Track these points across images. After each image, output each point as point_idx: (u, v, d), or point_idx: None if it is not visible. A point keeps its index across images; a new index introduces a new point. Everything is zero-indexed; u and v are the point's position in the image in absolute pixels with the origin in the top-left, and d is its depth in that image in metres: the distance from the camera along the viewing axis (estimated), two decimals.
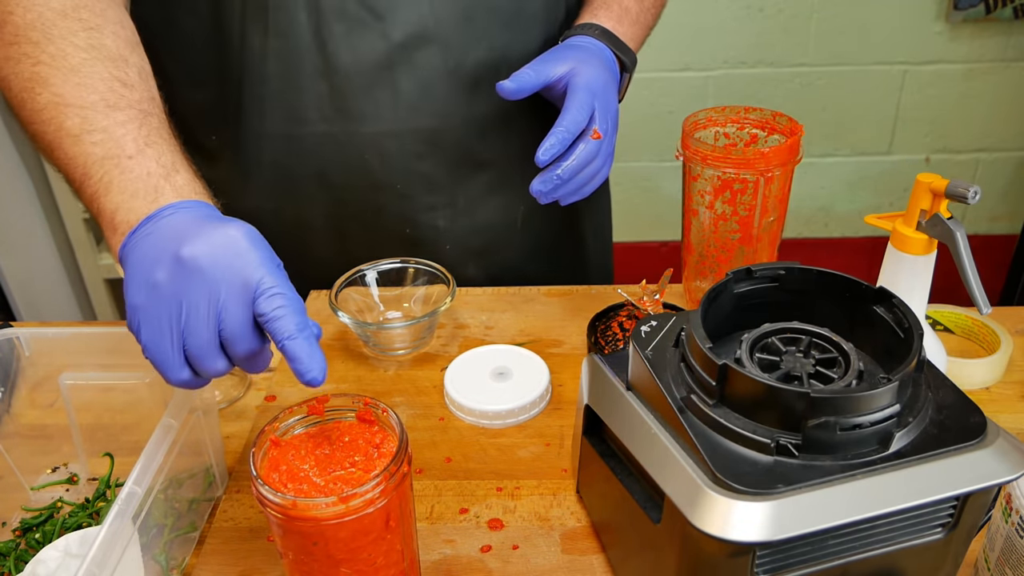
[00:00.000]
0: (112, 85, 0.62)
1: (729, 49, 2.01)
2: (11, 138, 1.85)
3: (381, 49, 0.83)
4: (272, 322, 0.52)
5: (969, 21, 1.94)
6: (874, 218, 0.70)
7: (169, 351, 0.52)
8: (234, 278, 0.52)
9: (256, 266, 0.52)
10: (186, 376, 0.54)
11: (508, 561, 0.64)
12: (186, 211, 0.56)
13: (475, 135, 0.90)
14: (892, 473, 0.46)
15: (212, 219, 0.56)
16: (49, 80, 0.62)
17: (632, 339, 0.55)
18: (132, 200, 0.57)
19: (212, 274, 0.52)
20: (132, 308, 0.53)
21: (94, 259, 2.03)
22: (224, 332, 0.52)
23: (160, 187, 0.58)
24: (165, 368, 0.53)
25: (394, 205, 0.92)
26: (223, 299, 0.52)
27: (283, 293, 0.52)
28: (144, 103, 0.63)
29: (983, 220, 2.21)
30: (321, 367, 0.52)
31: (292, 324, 0.52)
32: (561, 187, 0.76)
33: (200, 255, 0.52)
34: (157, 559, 0.60)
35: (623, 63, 0.85)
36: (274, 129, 0.87)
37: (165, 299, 0.52)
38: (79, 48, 0.63)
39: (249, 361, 0.54)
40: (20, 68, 0.63)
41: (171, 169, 0.59)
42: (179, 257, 0.52)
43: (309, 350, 0.52)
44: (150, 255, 0.54)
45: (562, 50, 0.81)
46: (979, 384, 0.79)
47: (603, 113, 0.77)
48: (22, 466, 0.72)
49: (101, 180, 0.58)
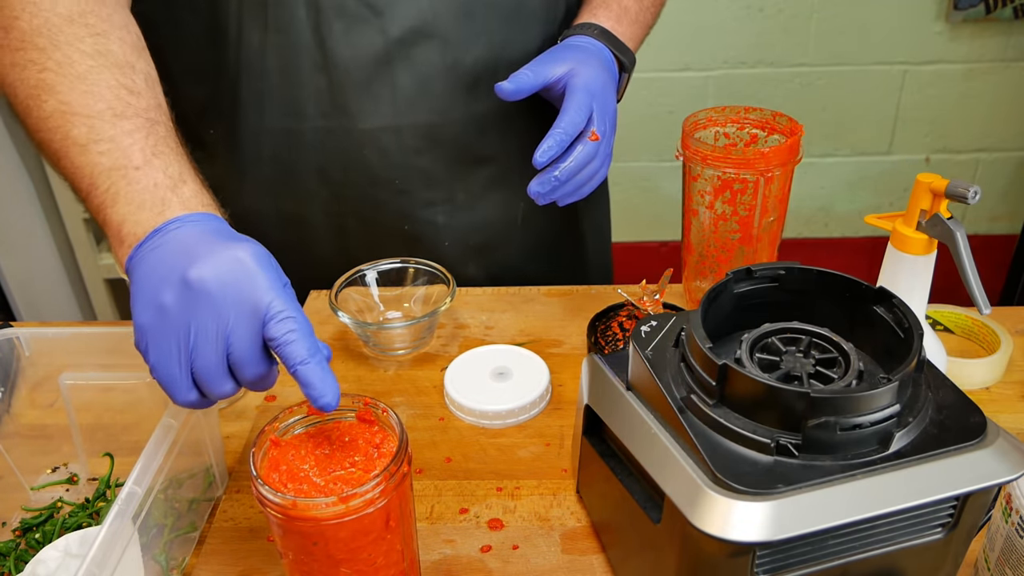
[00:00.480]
0: (119, 93, 0.61)
1: (729, 49, 2.01)
2: (11, 138, 1.85)
3: (379, 44, 0.83)
4: (283, 347, 0.51)
5: (969, 21, 1.94)
6: (874, 218, 0.70)
7: (177, 373, 0.52)
8: (243, 302, 0.52)
9: (265, 289, 0.52)
10: (193, 398, 0.53)
11: (508, 561, 0.64)
12: (193, 225, 0.56)
13: (474, 131, 0.90)
14: (892, 473, 0.46)
15: (220, 236, 0.55)
16: (55, 87, 0.60)
17: (632, 339, 0.55)
18: (139, 212, 0.56)
19: (220, 298, 0.51)
20: (139, 328, 0.53)
21: (94, 259, 2.03)
22: (232, 356, 0.52)
23: (167, 199, 0.57)
24: (172, 390, 0.53)
25: (393, 201, 0.92)
26: (232, 323, 0.51)
27: (293, 317, 0.52)
28: (151, 111, 0.62)
29: (983, 220, 2.21)
30: (334, 392, 0.52)
31: (304, 349, 0.51)
32: (559, 188, 0.76)
33: (208, 278, 0.51)
34: (157, 559, 0.60)
35: (622, 63, 0.85)
36: (273, 124, 0.87)
37: (173, 322, 0.52)
38: (85, 55, 0.62)
39: (257, 383, 0.54)
40: (26, 75, 0.62)
41: (178, 180, 0.59)
42: (187, 280, 0.51)
43: (321, 375, 0.52)
44: (157, 273, 0.53)
45: (561, 50, 0.81)
46: (979, 384, 0.79)
47: (601, 114, 0.77)
48: (22, 466, 0.72)
49: (108, 191, 0.57)
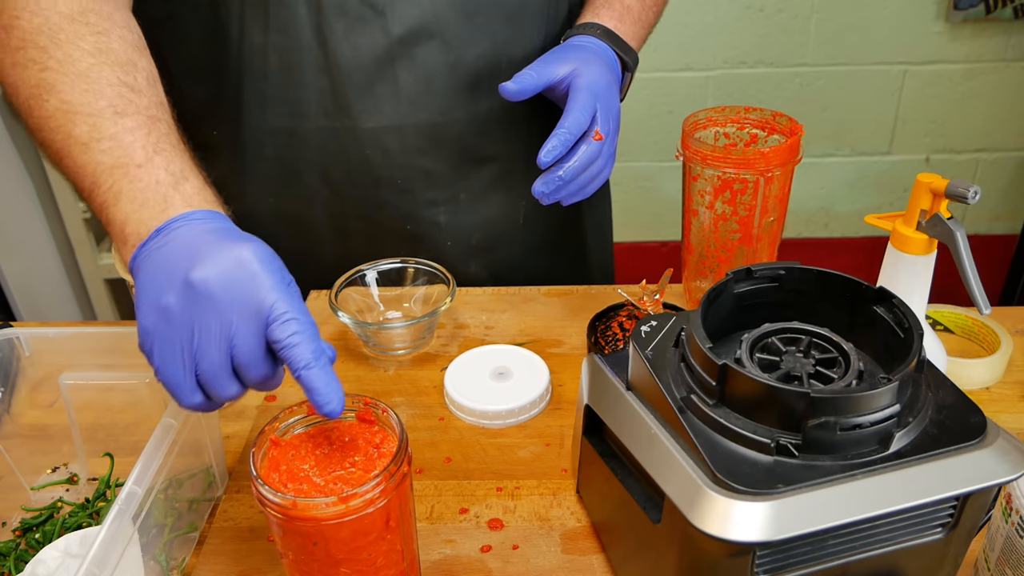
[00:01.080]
0: (120, 91, 0.61)
1: (729, 49, 2.01)
2: (11, 138, 1.85)
3: (381, 44, 0.83)
4: (287, 350, 0.51)
5: (969, 21, 1.94)
6: (874, 218, 0.70)
7: (181, 376, 0.52)
8: (246, 304, 0.51)
9: (268, 289, 0.51)
10: (198, 400, 0.53)
11: (508, 561, 0.64)
12: (196, 223, 0.55)
13: (476, 131, 0.90)
14: (892, 473, 0.46)
15: (223, 235, 0.54)
16: (56, 86, 0.60)
17: (632, 339, 0.55)
18: (141, 211, 0.56)
19: (223, 300, 0.51)
20: (143, 331, 0.52)
21: (94, 259, 2.03)
22: (236, 358, 0.52)
23: (169, 197, 0.56)
24: (178, 393, 0.52)
25: (395, 201, 0.92)
26: (235, 325, 0.51)
27: (297, 319, 0.51)
28: (152, 108, 0.62)
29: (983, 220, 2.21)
30: (339, 397, 0.51)
31: (308, 352, 0.51)
32: (563, 188, 0.76)
33: (211, 279, 0.51)
34: (157, 559, 0.60)
35: (625, 63, 0.85)
36: (275, 124, 0.87)
37: (176, 324, 0.51)
38: (86, 53, 0.62)
39: (262, 385, 0.54)
40: (27, 74, 0.61)
41: (180, 177, 0.58)
42: (189, 281, 0.51)
43: (326, 379, 0.51)
44: (161, 273, 0.53)
45: (564, 50, 0.81)
46: (979, 384, 0.79)
47: (605, 114, 0.77)
48: (22, 466, 0.72)
49: (110, 189, 0.57)
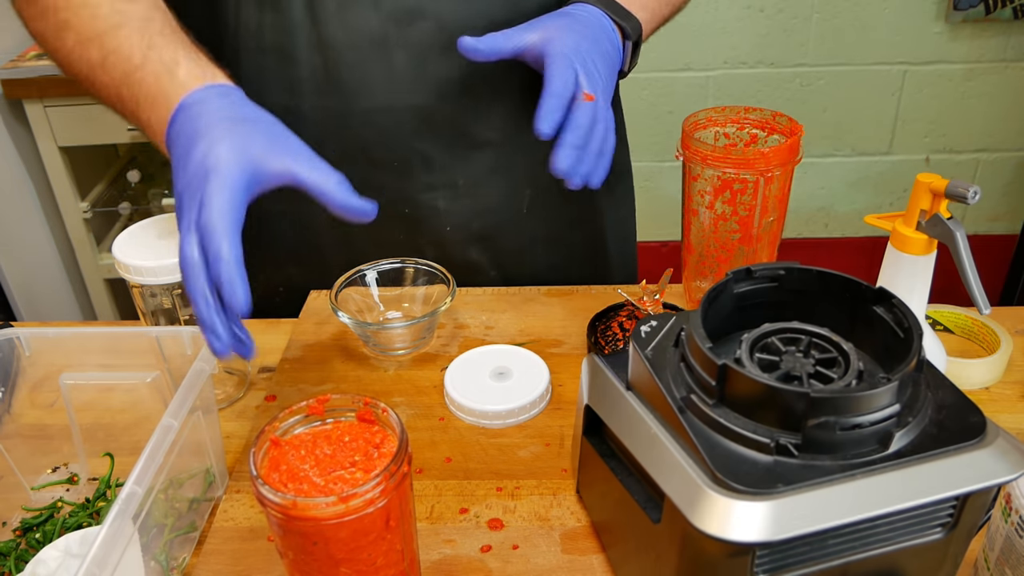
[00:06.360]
0: (115, 6, 0.68)
1: (729, 49, 2.01)
2: (11, 138, 1.85)
3: (374, 23, 0.82)
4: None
5: (969, 21, 1.95)
6: (874, 218, 0.70)
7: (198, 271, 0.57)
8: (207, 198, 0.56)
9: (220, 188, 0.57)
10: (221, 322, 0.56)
11: (508, 561, 0.64)
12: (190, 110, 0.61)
13: (472, 114, 0.89)
14: (892, 473, 0.46)
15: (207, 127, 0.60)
16: (70, 21, 0.68)
17: (632, 339, 0.55)
18: (153, 110, 0.63)
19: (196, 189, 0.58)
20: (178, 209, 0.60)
21: (94, 259, 2.03)
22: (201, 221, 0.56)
23: (167, 91, 0.63)
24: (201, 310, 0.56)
25: (393, 184, 0.91)
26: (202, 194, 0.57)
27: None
28: (146, 11, 0.68)
29: (983, 220, 2.21)
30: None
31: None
32: (583, 157, 0.71)
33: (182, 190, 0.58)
34: (157, 559, 0.60)
35: (624, 30, 0.80)
36: (271, 101, 0.87)
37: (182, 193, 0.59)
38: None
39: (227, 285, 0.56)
40: (48, 22, 0.70)
41: (172, 65, 0.64)
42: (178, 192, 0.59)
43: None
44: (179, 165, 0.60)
45: (547, 18, 0.77)
46: (979, 384, 0.79)
47: (588, 76, 0.73)
48: (22, 466, 0.72)
49: (130, 99, 0.65)
